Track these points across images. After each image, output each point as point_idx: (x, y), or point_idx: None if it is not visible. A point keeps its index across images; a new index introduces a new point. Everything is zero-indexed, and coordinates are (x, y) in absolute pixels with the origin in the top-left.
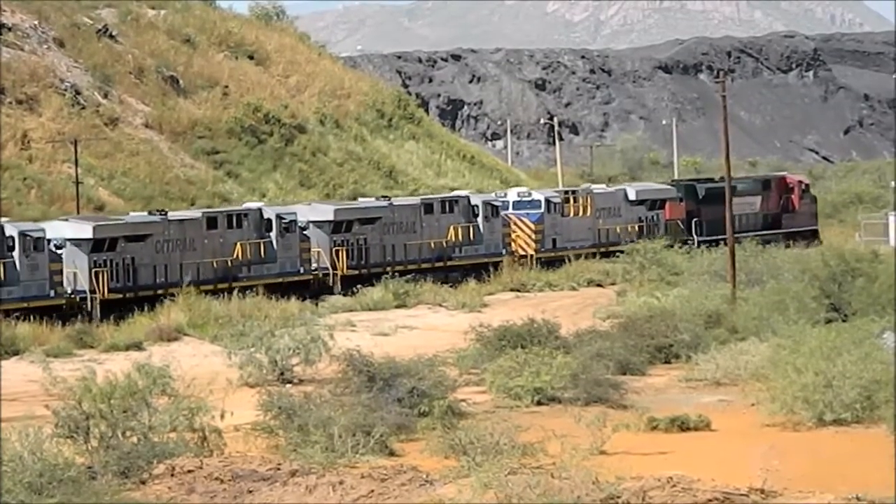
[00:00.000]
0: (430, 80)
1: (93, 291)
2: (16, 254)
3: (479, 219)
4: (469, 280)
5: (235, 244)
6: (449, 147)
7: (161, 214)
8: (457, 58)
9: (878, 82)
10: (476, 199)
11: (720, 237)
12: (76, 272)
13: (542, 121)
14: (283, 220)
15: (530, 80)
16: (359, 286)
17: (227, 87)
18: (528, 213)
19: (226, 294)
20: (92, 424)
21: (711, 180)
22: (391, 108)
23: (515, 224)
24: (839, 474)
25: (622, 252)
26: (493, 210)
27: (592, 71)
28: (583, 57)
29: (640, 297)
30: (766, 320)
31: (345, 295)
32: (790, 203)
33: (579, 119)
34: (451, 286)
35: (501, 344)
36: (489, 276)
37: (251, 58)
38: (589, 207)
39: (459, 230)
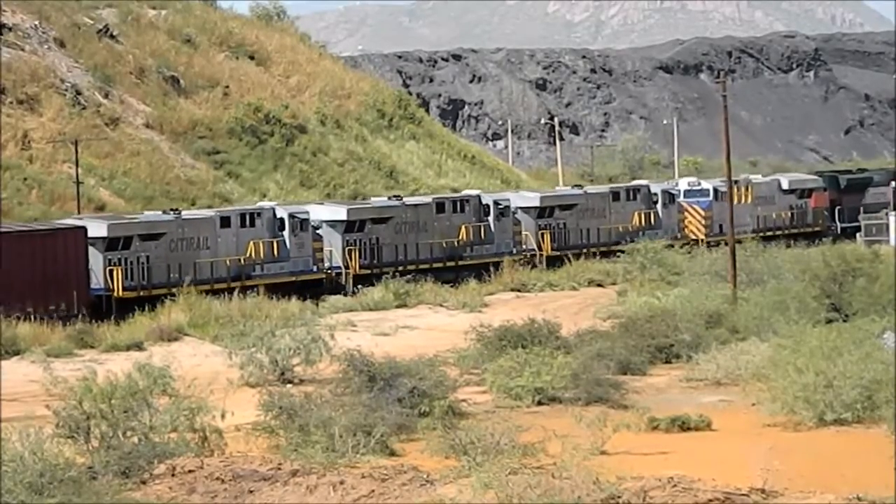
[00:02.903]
0: (431, 80)
1: (346, 267)
2: (286, 233)
3: (658, 206)
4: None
5: (460, 227)
6: (450, 147)
7: (398, 199)
8: (457, 58)
9: (878, 82)
10: (655, 188)
11: (859, 223)
12: (332, 250)
13: (542, 121)
14: (499, 206)
15: (531, 80)
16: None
17: (227, 87)
18: (698, 201)
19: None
20: (93, 424)
21: (850, 172)
22: (392, 108)
23: (688, 211)
24: (840, 474)
25: (623, 252)
26: (670, 198)
27: (593, 71)
28: (583, 57)
29: (641, 297)
30: (766, 320)
31: (548, 268)
32: None
33: (580, 119)
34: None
35: (502, 344)
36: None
37: (252, 58)
38: (749, 196)
39: (642, 216)
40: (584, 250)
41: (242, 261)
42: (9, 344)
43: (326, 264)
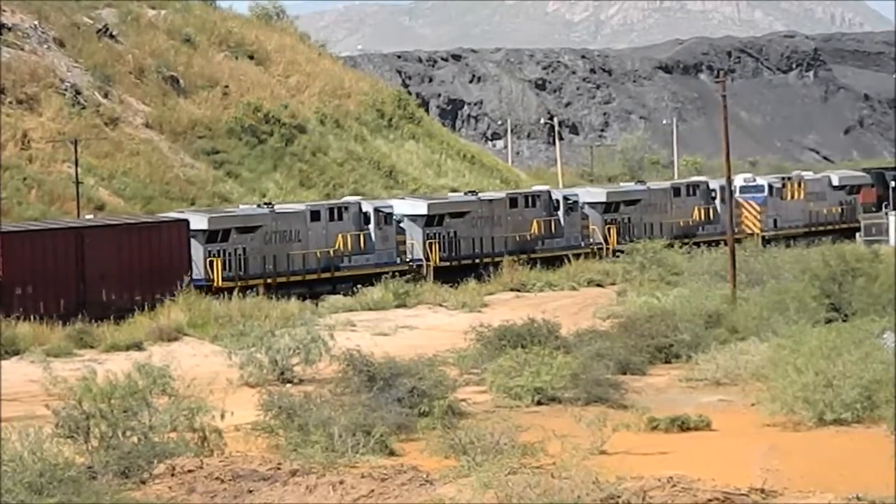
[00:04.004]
0: (431, 80)
1: (427, 259)
2: (371, 226)
3: (717, 202)
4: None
5: (532, 221)
6: (449, 147)
7: (473, 194)
8: (457, 57)
9: (878, 82)
10: (714, 184)
11: None
12: (413, 243)
13: (542, 121)
14: (568, 201)
15: (530, 79)
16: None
17: (227, 86)
18: (753, 197)
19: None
20: (92, 424)
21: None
22: (391, 107)
23: (744, 206)
24: (839, 474)
25: (622, 251)
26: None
27: (593, 71)
28: (583, 57)
29: (641, 297)
30: (766, 320)
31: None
32: None
33: (579, 119)
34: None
35: (501, 344)
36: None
37: (251, 58)
38: (802, 192)
39: (701, 211)
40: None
41: (332, 253)
42: (9, 344)
43: (408, 257)
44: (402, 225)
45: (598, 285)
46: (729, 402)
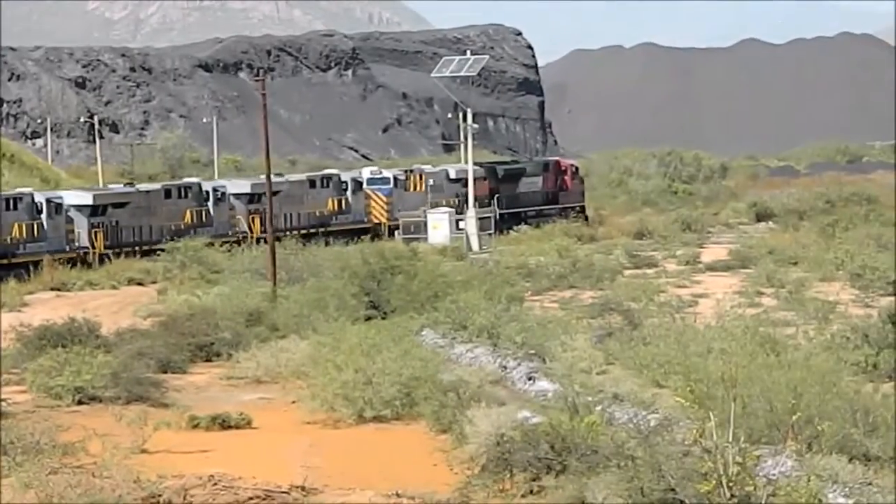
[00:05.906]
0: None
1: (93, 246)
2: (43, 216)
3: (348, 193)
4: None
5: (185, 211)
6: None
7: (132, 186)
8: None
9: (415, 81)
10: (345, 177)
11: (514, 210)
12: (80, 231)
13: (82, 119)
14: (217, 192)
15: (70, 78)
16: None
17: None
18: (380, 189)
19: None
20: None
21: (506, 163)
22: None
23: (372, 197)
24: (379, 471)
25: (163, 250)
26: (357, 185)
27: (132, 69)
28: (123, 55)
29: (181, 296)
30: (306, 318)
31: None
32: (564, 183)
33: (119, 117)
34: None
35: (42, 343)
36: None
37: None
38: (423, 184)
39: (335, 202)
40: (292, 230)
41: (9, 241)
42: None
43: (76, 244)
44: (69, 214)
45: (140, 284)
46: (269, 399)
